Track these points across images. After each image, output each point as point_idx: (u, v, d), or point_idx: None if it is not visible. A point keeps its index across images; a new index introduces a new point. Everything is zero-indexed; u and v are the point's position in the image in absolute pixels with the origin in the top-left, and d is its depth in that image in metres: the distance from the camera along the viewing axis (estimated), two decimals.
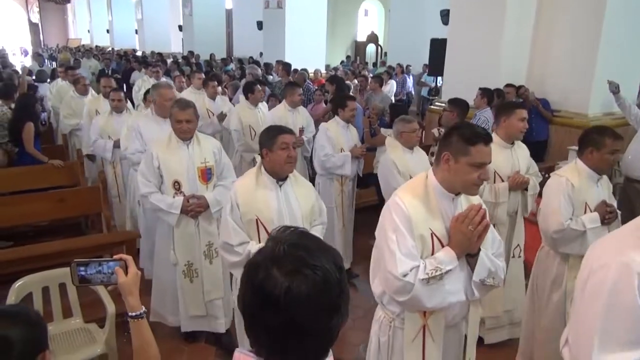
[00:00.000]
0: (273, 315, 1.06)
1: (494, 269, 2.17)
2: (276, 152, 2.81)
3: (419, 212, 2.11)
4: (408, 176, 4.02)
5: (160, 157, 3.61)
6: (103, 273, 1.62)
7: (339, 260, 1.14)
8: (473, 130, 2.14)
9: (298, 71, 10.09)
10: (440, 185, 2.17)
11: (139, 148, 4.42)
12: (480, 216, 2.07)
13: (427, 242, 2.11)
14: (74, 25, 37.69)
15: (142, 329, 1.65)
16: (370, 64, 19.12)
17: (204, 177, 3.69)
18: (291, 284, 1.05)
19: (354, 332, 4.05)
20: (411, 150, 4.19)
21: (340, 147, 4.85)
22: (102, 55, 19.61)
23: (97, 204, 4.98)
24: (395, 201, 2.14)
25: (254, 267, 1.10)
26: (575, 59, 6.61)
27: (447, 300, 2.10)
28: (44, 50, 28.85)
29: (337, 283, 1.09)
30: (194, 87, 7.39)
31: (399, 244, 2.06)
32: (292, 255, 1.09)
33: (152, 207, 3.64)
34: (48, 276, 3.21)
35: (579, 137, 3.20)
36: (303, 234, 1.17)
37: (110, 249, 3.94)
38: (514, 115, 3.64)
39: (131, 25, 27.78)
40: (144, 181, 3.62)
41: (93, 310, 3.41)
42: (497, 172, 3.65)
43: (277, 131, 2.88)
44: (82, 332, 3.30)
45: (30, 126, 5.62)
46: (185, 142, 3.67)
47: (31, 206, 4.82)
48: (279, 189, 2.90)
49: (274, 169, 2.87)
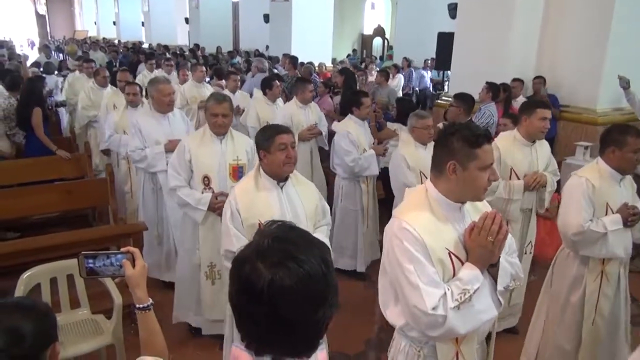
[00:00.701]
0: (258, 308, 1.07)
1: (514, 271, 2.05)
2: (274, 154, 2.72)
3: (432, 235, 1.92)
4: (418, 172, 4.04)
5: (193, 150, 3.54)
6: (110, 265, 1.64)
7: (326, 254, 1.15)
8: (473, 131, 1.96)
9: (304, 65, 10.06)
10: (445, 197, 1.99)
11: (139, 145, 4.34)
12: (498, 224, 1.91)
13: (447, 264, 1.93)
14: (81, 17, 37.75)
15: (149, 321, 1.67)
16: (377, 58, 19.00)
17: (235, 174, 3.59)
18: (274, 276, 1.06)
19: (358, 326, 4.06)
20: (424, 146, 4.13)
21: (363, 148, 4.76)
22: (109, 47, 19.61)
23: (105, 196, 5.00)
24: (403, 227, 1.92)
25: (241, 261, 1.12)
26: (584, 53, 6.56)
27: (481, 320, 1.95)
28: (51, 42, 28.92)
29: (322, 276, 1.10)
30: (194, 80, 7.35)
31: (419, 275, 1.87)
32: (277, 249, 1.10)
33: (179, 201, 3.57)
34: (56, 267, 3.24)
35: (600, 136, 3.10)
36: (289, 228, 1.18)
37: (117, 241, 3.96)
38: (535, 115, 3.57)
39: (137, 17, 27.80)
40: (174, 174, 3.56)
41: (100, 301, 3.44)
42: (514, 169, 3.62)
43: (274, 131, 2.77)
44: (90, 323, 3.33)
45: (38, 111, 5.65)
46: (219, 137, 3.59)
47: (39, 198, 4.84)
48: (280, 190, 2.80)
49: (273, 170, 2.78)
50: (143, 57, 14.13)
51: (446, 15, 11.57)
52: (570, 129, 6.70)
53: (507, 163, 3.64)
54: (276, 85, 5.98)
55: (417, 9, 15.28)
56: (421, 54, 14.15)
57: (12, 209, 4.72)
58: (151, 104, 4.47)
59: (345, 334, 3.80)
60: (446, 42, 8.89)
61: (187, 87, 7.33)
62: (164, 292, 4.36)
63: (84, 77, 7.89)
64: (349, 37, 22.03)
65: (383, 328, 3.96)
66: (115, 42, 24.87)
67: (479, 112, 5.89)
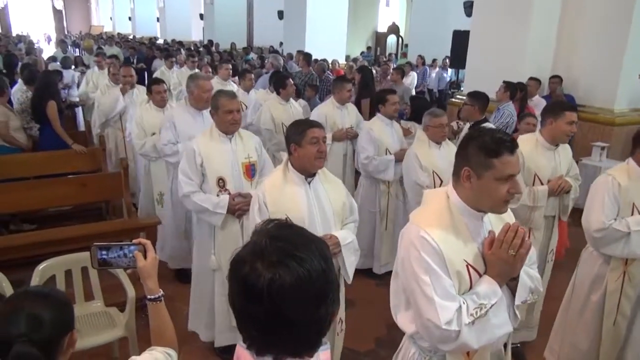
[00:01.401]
0: (258, 308, 1.06)
1: (533, 285, 1.96)
2: (305, 147, 2.68)
3: (451, 245, 1.83)
4: (431, 172, 4.01)
5: (203, 153, 3.40)
6: (122, 257, 1.66)
7: (325, 250, 1.14)
8: (494, 138, 1.83)
9: (318, 61, 10.05)
10: (466, 204, 1.89)
11: (172, 139, 4.27)
12: (520, 237, 1.80)
13: (464, 277, 1.85)
14: (97, 13, 38.13)
15: (160, 312, 1.70)
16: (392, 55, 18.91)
17: (249, 173, 3.51)
18: (274, 275, 1.04)
19: (369, 324, 4.05)
20: (438, 145, 4.10)
21: (385, 148, 4.61)
22: (125, 42, 19.77)
23: (119, 189, 5.04)
24: (421, 236, 1.82)
25: (238, 262, 1.10)
26: (603, 52, 6.48)
27: (496, 335, 1.87)
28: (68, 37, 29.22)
29: (322, 273, 1.09)
30: (220, 78, 7.21)
31: (435, 288, 1.79)
32: (275, 247, 1.08)
33: (195, 208, 3.42)
34: (71, 259, 3.27)
35: (633, 136, 3.05)
36: (286, 226, 1.17)
37: (130, 234, 3.98)
38: (562, 118, 3.40)
39: (153, 13, 28.01)
40: (186, 180, 3.40)
41: (114, 294, 3.47)
42: (538, 174, 3.49)
43: (306, 125, 2.76)
44: (103, 315, 3.36)
45: (53, 104, 5.70)
46: (228, 136, 3.48)
47: (55, 190, 4.90)
48: (307, 186, 2.78)
49: (303, 165, 2.73)
50: (157, 53, 14.23)
51: (462, 13, 11.50)
52: (587, 129, 6.62)
53: (531, 168, 3.49)
54: (290, 84, 5.81)
55: (432, 6, 15.20)
56: (436, 52, 14.07)
57: (28, 201, 4.78)
58: (188, 100, 4.36)
59: (356, 332, 3.79)
60: (461, 40, 8.84)
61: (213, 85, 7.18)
62: (175, 284, 4.40)
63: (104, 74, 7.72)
64: (363, 35, 21.98)
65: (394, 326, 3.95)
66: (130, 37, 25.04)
67: (497, 112, 5.82)
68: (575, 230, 5.34)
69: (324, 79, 8.57)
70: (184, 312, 3.95)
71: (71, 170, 5.57)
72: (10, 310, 1.44)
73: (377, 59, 16.36)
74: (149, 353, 1.62)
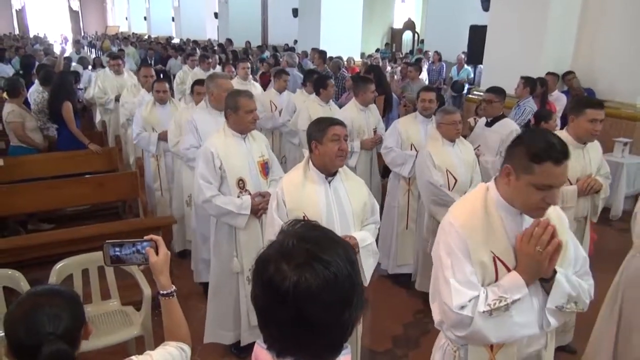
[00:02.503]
0: (283, 310, 1.05)
1: (575, 293, 1.87)
2: (326, 145, 2.67)
3: (477, 233, 1.85)
4: (444, 170, 3.96)
5: (221, 155, 3.37)
6: (134, 254, 1.68)
7: (351, 253, 1.12)
8: (545, 143, 1.76)
9: (333, 59, 10.03)
10: (505, 200, 1.88)
11: (194, 143, 4.16)
12: (549, 234, 1.76)
13: (489, 267, 1.85)
14: (112, 13, 38.59)
15: (172, 307, 1.72)
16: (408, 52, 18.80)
17: (264, 171, 3.52)
18: (300, 278, 1.03)
19: (386, 323, 4.04)
20: (452, 143, 4.05)
21: (411, 143, 4.54)
22: (140, 43, 19.96)
23: (135, 189, 5.10)
24: (449, 221, 1.90)
25: (264, 262, 1.09)
26: (626, 45, 6.36)
27: (517, 334, 1.84)
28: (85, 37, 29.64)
29: (348, 276, 1.07)
30: (239, 78, 7.11)
31: (454, 271, 1.83)
32: (302, 249, 1.07)
33: (218, 212, 3.37)
34: (88, 259, 3.32)
35: None
36: (314, 227, 1.16)
37: (147, 233, 3.99)
38: (583, 116, 3.31)
39: (168, 12, 28.23)
40: (206, 184, 3.36)
41: (130, 293, 3.51)
42: None
43: (327, 122, 2.75)
44: (120, 314, 3.40)
45: (68, 105, 5.78)
46: (242, 136, 3.48)
47: (72, 190, 4.98)
48: (327, 185, 2.76)
49: (324, 162, 2.73)
50: (172, 52, 14.35)
51: (478, 8, 11.38)
52: (609, 124, 6.48)
53: None
54: (331, 84, 5.57)
55: (448, 1, 15.06)
56: (452, 48, 13.94)
57: (46, 201, 4.87)
58: (208, 101, 4.29)
59: (372, 331, 3.79)
60: (479, 35, 8.75)
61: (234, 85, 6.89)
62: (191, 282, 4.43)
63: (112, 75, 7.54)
64: (378, 31, 21.87)
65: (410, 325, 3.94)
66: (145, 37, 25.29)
67: (517, 108, 5.74)
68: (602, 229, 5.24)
69: (339, 76, 8.55)
70: (200, 310, 3.98)
71: (88, 170, 5.65)
72: (30, 311, 1.48)
73: (394, 55, 16.25)
74: (163, 348, 1.65)
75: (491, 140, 4.63)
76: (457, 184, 4.00)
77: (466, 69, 11.54)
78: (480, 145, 4.66)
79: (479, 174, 4.19)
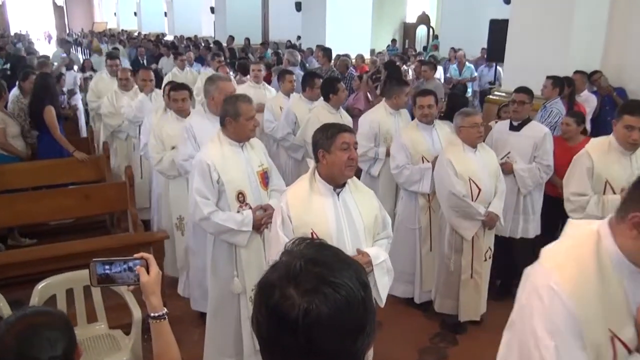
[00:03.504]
0: (291, 339, 1.04)
1: None
2: (335, 153, 2.66)
3: (592, 308, 1.51)
4: (467, 179, 3.94)
5: (218, 167, 3.33)
6: (124, 273, 1.68)
7: (363, 276, 1.12)
8: None
9: (340, 57, 10.06)
10: (625, 257, 1.54)
11: (192, 153, 3.99)
12: None
13: (606, 350, 1.53)
14: (100, 8, 38.96)
15: (163, 331, 1.72)
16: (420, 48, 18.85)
17: (264, 182, 3.50)
18: (310, 304, 1.03)
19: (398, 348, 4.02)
20: (474, 149, 4.03)
21: (421, 155, 4.41)
22: (130, 40, 20.09)
23: (124, 200, 5.12)
24: (551, 287, 1.54)
25: (269, 287, 1.09)
26: None
27: None
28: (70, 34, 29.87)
29: (361, 302, 1.07)
30: (252, 81, 6.91)
31: (560, 356, 1.51)
32: (310, 272, 1.06)
33: (217, 229, 3.35)
34: (72, 278, 3.32)
35: None
36: (322, 246, 1.16)
37: (137, 249, 4.00)
38: (620, 121, 3.32)
39: (160, 7, 28.40)
40: (203, 200, 3.32)
41: (118, 315, 3.52)
42: (610, 182, 3.40)
43: (336, 129, 2.73)
44: (107, 338, 3.41)
45: (51, 110, 5.82)
46: (240, 144, 3.46)
47: (55, 202, 4.99)
48: (336, 197, 2.76)
49: (332, 173, 2.72)
50: (165, 50, 14.41)
51: (499, 1, 11.40)
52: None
53: (601, 175, 3.43)
54: (342, 88, 5.42)
55: None
56: (470, 44, 13.94)
57: (26, 214, 4.89)
58: (207, 105, 4.19)
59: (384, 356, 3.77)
60: (499, 30, 8.73)
61: (243, 88, 6.53)
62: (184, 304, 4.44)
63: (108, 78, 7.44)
64: (389, 26, 21.93)
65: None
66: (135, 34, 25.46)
67: (543, 110, 5.73)
68: None
69: (347, 76, 8.57)
70: (194, 334, 3.99)
71: (73, 180, 5.69)
72: (26, 334, 1.53)
73: (406, 52, 16.27)
74: None
75: (523, 146, 4.58)
76: (480, 193, 3.99)
77: (469, 66, 11.35)
78: (510, 152, 4.62)
79: (504, 182, 4.19)
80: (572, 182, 3.59)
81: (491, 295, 4.34)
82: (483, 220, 4.01)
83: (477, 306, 4.22)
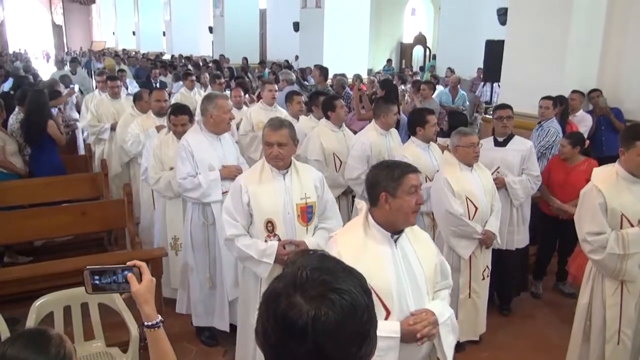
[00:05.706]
0: (300, 347, 1.06)
1: None
2: (402, 198, 2.37)
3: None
4: (464, 198, 3.97)
5: (251, 190, 3.22)
6: (117, 282, 1.68)
7: (365, 283, 1.15)
8: None
9: (336, 76, 10.13)
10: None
11: (191, 172, 3.98)
12: None
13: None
14: (99, 28, 39.25)
15: (159, 339, 1.70)
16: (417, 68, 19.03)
17: (304, 216, 3.28)
18: (318, 311, 1.05)
19: None
20: (470, 168, 4.07)
21: (425, 175, 4.36)
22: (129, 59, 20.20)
23: (122, 218, 5.12)
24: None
25: (275, 296, 1.11)
26: None
27: None
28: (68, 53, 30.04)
29: (365, 308, 1.10)
30: (264, 103, 6.47)
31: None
32: (316, 280, 1.09)
33: (239, 254, 3.27)
34: (70, 295, 3.32)
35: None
36: (324, 256, 1.19)
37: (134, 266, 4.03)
38: (633, 149, 3.15)
39: (159, 27, 28.69)
40: (230, 221, 3.24)
41: (116, 332, 3.52)
42: (625, 214, 3.19)
43: (402, 169, 2.43)
44: (104, 356, 3.39)
45: (53, 124, 5.87)
46: (282, 172, 3.28)
47: (52, 219, 4.99)
48: (394, 245, 2.43)
49: (395, 219, 2.42)
50: (162, 70, 14.47)
51: (495, 21, 11.54)
52: None
53: (615, 208, 3.20)
54: (340, 105, 5.32)
55: (462, 14, 15.30)
56: (467, 64, 14.11)
57: (23, 231, 4.89)
58: (204, 124, 4.12)
59: None
60: (495, 51, 8.85)
61: (254, 110, 6.48)
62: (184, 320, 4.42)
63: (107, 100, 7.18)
64: (386, 46, 22.18)
65: None
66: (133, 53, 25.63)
67: (539, 129, 5.80)
68: None
69: (343, 95, 8.62)
70: (191, 352, 3.97)
71: (70, 197, 5.69)
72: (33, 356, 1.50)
73: (403, 72, 16.41)
74: None
75: (511, 160, 4.67)
76: (477, 212, 4.01)
77: (462, 94, 11.12)
78: (499, 167, 4.69)
79: (499, 201, 4.21)
80: (585, 221, 3.33)
81: (490, 314, 4.34)
82: (480, 238, 4.03)
83: (475, 326, 4.22)
